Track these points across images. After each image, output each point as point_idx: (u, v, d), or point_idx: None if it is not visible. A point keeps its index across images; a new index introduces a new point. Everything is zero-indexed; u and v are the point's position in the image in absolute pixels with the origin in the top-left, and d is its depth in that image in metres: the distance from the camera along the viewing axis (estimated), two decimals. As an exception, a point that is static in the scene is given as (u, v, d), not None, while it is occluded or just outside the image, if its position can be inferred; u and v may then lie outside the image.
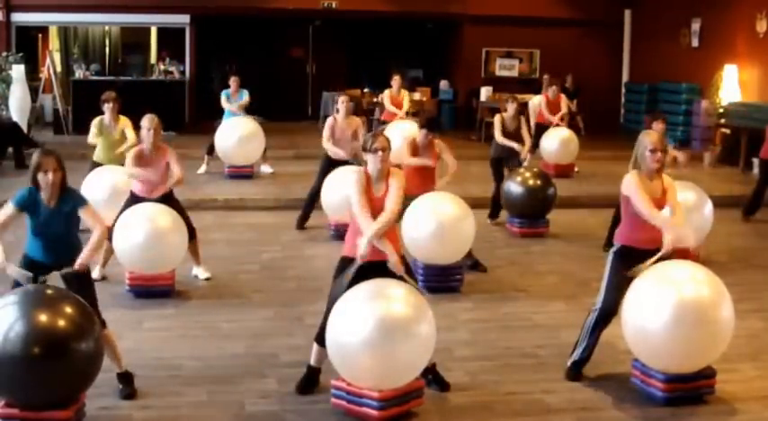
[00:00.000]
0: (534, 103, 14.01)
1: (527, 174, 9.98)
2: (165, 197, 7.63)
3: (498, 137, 10.39)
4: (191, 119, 17.49)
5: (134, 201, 7.54)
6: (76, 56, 19.59)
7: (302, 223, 10.14)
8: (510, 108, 10.49)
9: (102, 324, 5.23)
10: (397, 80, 13.27)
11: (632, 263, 5.50)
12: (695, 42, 17.08)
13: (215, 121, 13.17)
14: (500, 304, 7.47)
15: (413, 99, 14.67)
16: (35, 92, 16.54)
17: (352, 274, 5.18)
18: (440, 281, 7.72)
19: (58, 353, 4.53)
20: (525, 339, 6.58)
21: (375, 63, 19.59)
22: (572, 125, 14.76)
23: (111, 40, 20.18)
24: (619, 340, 5.77)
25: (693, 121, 16.21)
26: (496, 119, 10.52)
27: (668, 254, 5.43)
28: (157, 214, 7.31)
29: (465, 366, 5.97)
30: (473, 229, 7.86)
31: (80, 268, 5.10)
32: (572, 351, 5.83)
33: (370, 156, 5.37)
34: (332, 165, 9.55)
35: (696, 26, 16.99)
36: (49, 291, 4.81)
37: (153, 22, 18.72)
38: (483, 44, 19.03)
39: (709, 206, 8.63)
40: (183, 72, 18.11)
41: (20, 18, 17.30)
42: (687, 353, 5.24)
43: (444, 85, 19.19)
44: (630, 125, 17.91)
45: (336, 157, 9.57)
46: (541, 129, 13.29)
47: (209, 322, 6.86)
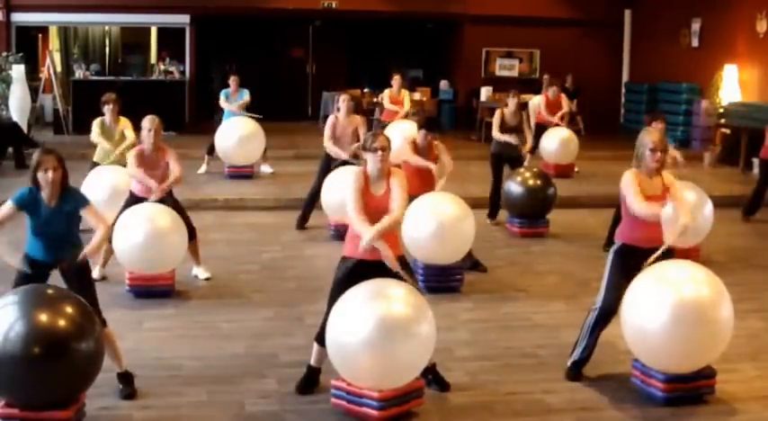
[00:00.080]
0: (534, 103, 14.00)
1: (527, 174, 9.98)
2: (165, 197, 7.63)
3: (495, 133, 10.38)
4: (191, 119, 17.48)
5: (134, 202, 7.54)
6: (76, 56, 19.58)
7: (302, 223, 10.14)
8: (511, 103, 10.47)
9: (103, 323, 5.23)
10: (397, 80, 13.23)
11: (633, 261, 5.50)
12: (695, 42, 17.07)
13: (214, 121, 13.15)
14: (500, 304, 7.47)
15: (413, 99, 14.66)
16: (35, 92, 16.53)
17: (345, 269, 5.28)
18: (440, 281, 7.72)
19: (58, 353, 4.53)
20: (525, 339, 6.59)
21: (375, 63, 19.58)
22: (572, 125, 14.76)
23: (111, 40, 20.17)
24: (619, 340, 5.77)
25: (693, 121, 16.21)
26: (496, 114, 10.52)
27: (671, 246, 5.45)
28: (157, 214, 7.31)
29: (465, 366, 5.97)
30: (473, 229, 7.86)
31: (81, 260, 5.09)
32: (572, 351, 5.84)
33: (369, 156, 5.38)
34: (331, 166, 9.55)
35: (696, 26, 16.99)
36: (50, 290, 4.81)
37: (153, 22, 18.71)
38: (483, 44, 19.02)
39: (709, 206, 8.62)
40: (183, 72, 18.10)
41: (20, 18, 17.29)
42: (687, 352, 5.24)
43: (444, 85, 19.18)
44: (630, 125, 17.90)
45: (337, 157, 9.57)
46: (541, 129, 13.27)
47: (209, 322, 6.86)
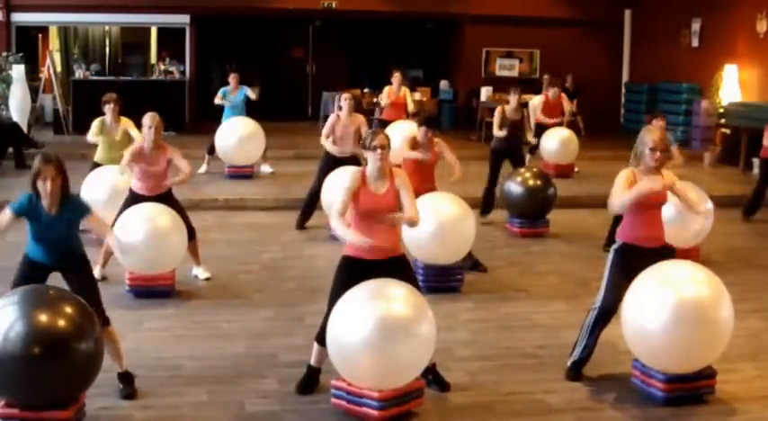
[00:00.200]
0: (534, 103, 13.99)
1: (527, 174, 9.98)
2: (165, 196, 7.65)
3: (495, 129, 10.40)
4: (191, 119, 17.48)
5: (133, 200, 7.54)
6: (76, 56, 19.57)
7: (302, 223, 10.13)
8: (512, 100, 10.47)
9: (106, 322, 5.24)
10: (397, 77, 13.12)
11: (633, 261, 5.51)
12: (695, 42, 17.07)
13: (215, 122, 13.09)
14: (500, 304, 7.47)
15: (413, 99, 14.62)
16: (35, 92, 16.53)
17: (345, 269, 5.31)
18: (440, 281, 7.72)
19: (58, 353, 4.53)
20: (525, 339, 6.58)
21: (375, 63, 19.56)
22: (572, 125, 14.76)
23: (111, 40, 20.16)
24: (619, 340, 5.77)
25: (693, 121, 16.20)
26: (497, 111, 10.53)
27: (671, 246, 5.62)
28: (157, 214, 7.30)
29: (465, 366, 5.97)
30: (473, 229, 7.85)
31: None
32: (572, 351, 5.84)
33: (369, 154, 5.38)
34: (332, 165, 9.54)
35: (696, 26, 16.99)
36: (50, 291, 4.81)
37: (153, 22, 18.70)
38: (483, 44, 19.01)
39: (709, 206, 8.61)
40: (183, 72, 18.10)
41: (20, 18, 17.28)
42: (687, 352, 5.24)
43: (444, 85, 19.18)
44: (630, 125, 17.89)
45: (342, 155, 9.56)
46: (541, 130, 13.28)
47: (209, 322, 6.86)
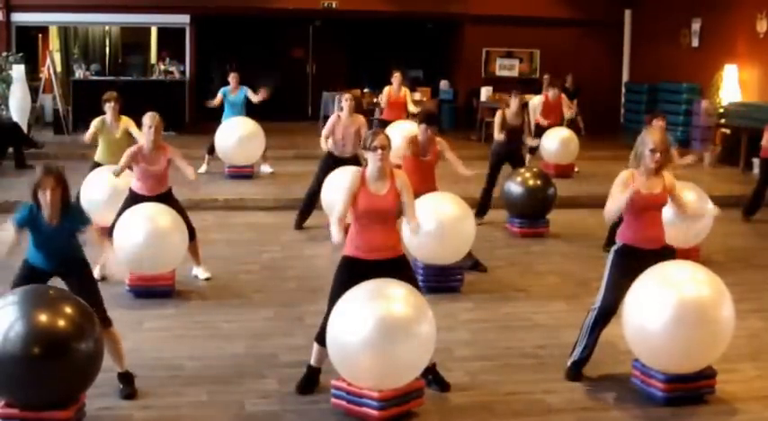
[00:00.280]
0: (534, 102, 13.98)
1: (527, 174, 9.98)
2: (165, 196, 7.65)
3: (495, 134, 10.41)
4: (191, 119, 17.47)
5: (133, 200, 7.55)
6: (76, 56, 19.56)
7: (300, 223, 10.11)
8: (513, 104, 10.47)
9: (108, 322, 5.25)
10: (397, 77, 13.12)
11: (633, 262, 5.51)
12: (695, 42, 17.07)
13: (215, 122, 13.07)
14: (500, 304, 7.47)
15: (414, 99, 14.61)
16: (35, 92, 16.51)
17: (346, 269, 5.32)
18: (440, 281, 7.72)
19: (58, 353, 4.53)
20: (525, 339, 6.58)
21: (375, 63, 19.55)
22: (572, 125, 14.75)
23: (111, 40, 20.15)
24: (619, 340, 5.77)
25: (693, 121, 16.19)
26: (498, 114, 10.53)
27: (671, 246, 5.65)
28: (157, 214, 7.30)
29: (465, 366, 5.97)
30: (473, 229, 7.86)
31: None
32: (572, 351, 5.84)
33: (369, 154, 5.37)
34: (333, 165, 9.54)
35: (696, 26, 16.98)
36: (50, 291, 4.81)
37: (153, 22, 18.70)
38: (483, 44, 19.01)
39: (709, 206, 8.60)
40: (183, 72, 18.09)
41: (20, 18, 17.27)
42: (688, 352, 5.24)
43: (444, 85, 19.17)
44: (631, 125, 17.89)
45: (342, 156, 9.57)
46: (541, 130, 13.27)
47: (209, 322, 6.86)
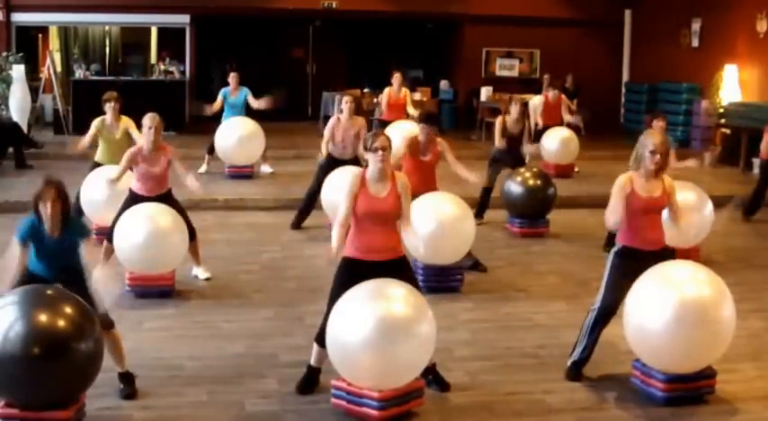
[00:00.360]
0: (534, 103, 13.99)
1: (527, 174, 9.98)
2: (165, 197, 7.65)
3: (496, 141, 10.41)
4: (191, 119, 17.47)
5: (133, 200, 7.54)
6: (76, 56, 19.56)
7: (299, 223, 10.08)
8: (513, 110, 10.45)
9: (111, 324, 5.24)
10: (397, 78, 13.08)
11: (633, 263, 5.50)
12: (695, 42, 17.07)
13: (215, 122, 13.06)
14: (500, 304, 7.47)
15: (414, 99, 14.61)
16: (35, 92, 16.51)
17: (346, 270, 5.31)
18: (440, 281, 7.71)
19: (58, 353, 4.53)
20: (525, 339, 6.58)
21: (375, 63, 19.55)
22: (572, 125, 14.74)
23: (111, 40, 20.15)
24: (619, 340, 5.77)
25: (693, 121, 16.20)
26: (498, 121, 10.51)
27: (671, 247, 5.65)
28: (157, 214, 7.30)
29: (465, 366, 5.97)
30: (473, 229, 7.86)
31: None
32: (572, 351, 5.84)
33: (370, 156, 5.37)
34: (332, 166, 9.53)
35: (696, 26, 16.98)
36: (49, 291, 4.81)
37: (153, 22, 18.69)
38: (483, 44, 19.00)
39: (709, 206, 8.61)
40: (183, 72, 18.08)
41: (20, 18, 17.27)
42: (688, 352, 5.24)
43: (444, 84, 19.16)
44: (631, 125, 17.90)
45: (342, 158, 9.56)
46: (541, 129, 13.27)
47: (209, 322, 6.86)
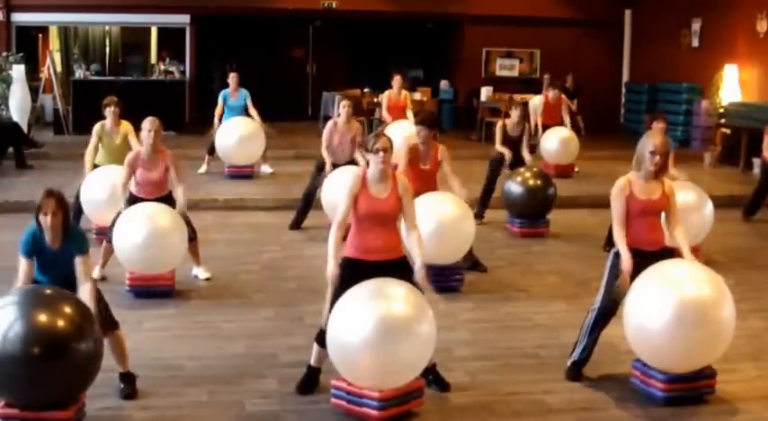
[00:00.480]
0: (535, 103, 13.99)
1: (527, 174, 9.97)
2: (165, 199, 7.65)
3: (497, 145, 10.39)
4: (191, 119, 17.47)
5: (133, 202, 7.53)
6: (77, 56, 19.57)
7: (297, 223, 10.07)
8: (514, 114, 10.42)
9: (115, 325, 5.25)
10: (397, 80, 13.04)
11: (634, 264, 5.49)
12: (695, 42, 17.06)
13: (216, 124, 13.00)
14: (500, 304, 7.47)
15: (413, 99, 14.60)
16: (35, 92, 16.52)
17: (346, 270, 5.28)
18: (440, 281, 7.69)
19: (58, 353, 4.52)
20: (525, 339, 6.58)
21: (375, 63, 19.57)
22: (572, 125, 14.74)
23: (111, 40, 20.15)
24: (619, 340, 5.77)
25: (693, 121, 16.20)
26: (498, 125, 10.50)
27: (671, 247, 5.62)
28: (157, 214, 7.30)
29: (465, 366, 5.97)
30: (473, 229, 7.85)
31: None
32: (572, 351, 5.84)
33: (371, 157, 5.36)
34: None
35: (696, 26, 16.98)
36: (49, 291, 4.80)
37: (153, 22, 18.69)
38: (483, 44, 19.00)
39: (709, 206, 8.62)
40: (184, 72, 18.08)
41: (20, 18, 17.26)
42: (688, 352, 5.24)
43: (444, 84, 19.16)
44: (631, 125, 17.90)
45: (339, 163, 9.56)
46: (541, 129, 13.27)
47: (209, 322, 6.86)
